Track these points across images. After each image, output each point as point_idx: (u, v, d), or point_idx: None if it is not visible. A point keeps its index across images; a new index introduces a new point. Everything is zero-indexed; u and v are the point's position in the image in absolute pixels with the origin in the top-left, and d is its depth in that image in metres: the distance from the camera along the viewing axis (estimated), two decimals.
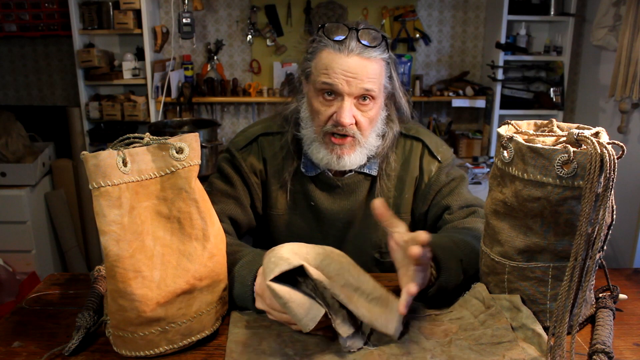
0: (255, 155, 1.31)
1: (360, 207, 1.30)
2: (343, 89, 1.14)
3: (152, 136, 0.88)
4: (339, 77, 1.14)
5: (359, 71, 1.14)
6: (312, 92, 1.21)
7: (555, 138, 0.91)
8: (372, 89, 1.15)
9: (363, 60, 1.14)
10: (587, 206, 0.79)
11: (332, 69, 1.14)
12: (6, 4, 3.23)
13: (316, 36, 1.20)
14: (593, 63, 3.17)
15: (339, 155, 1.20)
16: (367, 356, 0.84)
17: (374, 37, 1.16)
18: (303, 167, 1.29)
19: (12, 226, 2.93)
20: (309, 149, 1.24)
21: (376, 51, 1.16)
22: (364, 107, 1.17)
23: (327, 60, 1.15)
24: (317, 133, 1.21)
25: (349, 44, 1.14)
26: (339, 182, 1.28)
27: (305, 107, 1.25)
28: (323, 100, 1.18)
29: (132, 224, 0.82)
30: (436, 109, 3.55)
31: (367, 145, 1.22)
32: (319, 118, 1.19)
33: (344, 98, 1.15)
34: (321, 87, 1.17)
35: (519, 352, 0.83)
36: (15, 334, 0.93)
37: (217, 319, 0.93)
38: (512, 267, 0.92)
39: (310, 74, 1.21)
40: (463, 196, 1.26)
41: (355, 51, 1.14)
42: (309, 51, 1.22)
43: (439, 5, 3.41)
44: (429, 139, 1.32)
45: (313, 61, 1.20)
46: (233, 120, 3.54)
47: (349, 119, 1.15)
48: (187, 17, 3.15)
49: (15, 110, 3.21)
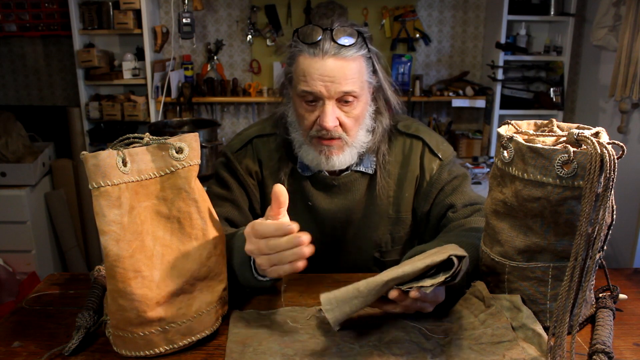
0: (251, 157, 1.31)
1: (359, 206, 1.30)
2: (322, 94, 1.14)
3: (151, 136, 0.88)
4: (316, 83, 1.13)
5: (336, 74, 1.12)
6: (295, 97, 1.21)
7: (555, 138, 0.91)
8: (352, 90, 1.14)
9: (339, 60, 1.12)
10: (587, 206, 0.79)
11: (310, 75, 1.13)
12: (6, 4, 3.23)
13: (292, 41, 1.19)
14: (593, 63, 3.17)
15: (327, 155, 1.19)
16: (367, 356, 0.84)
17: (349, 34, 1.14)
18: (299, 167, 1.29)
19: (12, 226, 2.93)
20: (299, 151, 1.24)
21: (352, 49, 1.14)
22: (347, 107, 1.17)
23: (303, 66, 1.15)
24: (304, 137, 1.22)
25: (324, 46, 1.12)
26: (335, 182, 1.28)
27: (292, 111, 1.25)
28: (306, 105, 1.18)
29: (131, 224, 0.82)
30: (436, 109, 3.55)
31: (356, 144, 1.22)
32: (304, 123, 1.19)
33: (325, 102, 1.15)
34: (302, 94, 1.16)
35: (519, 351, 0.83)
36: (15, 334, 0.93)
37: (217, 319, 0.93)
38: (512, 267, 0.92)
39: (292, 79, 1.21)
40: (466, 194, 1.26)
41: (330, 52, 1.12)
42: (289, 57, 1.22)
43: (439, 5, 3.41)
44: (429, 137, 1.31)
45: (292, 66, 1.20)
46: (233, 120, 3.54)
47: (332, 122, 1.15)
48: (187, 17, 3.15)
49: (15, 110, 3.21)
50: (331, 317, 0.85)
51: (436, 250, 0.93)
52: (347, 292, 0.85)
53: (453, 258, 0.84)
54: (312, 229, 1.31)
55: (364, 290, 0.84)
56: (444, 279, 0.83)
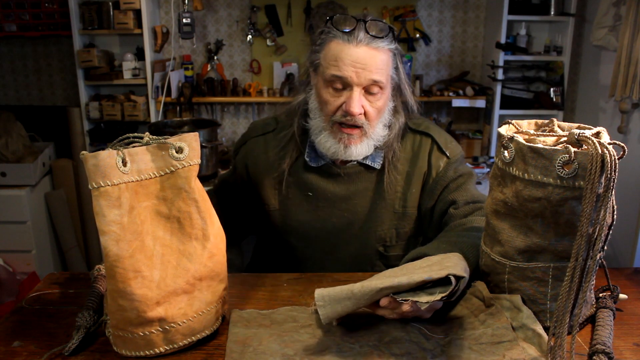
0: (241, 158, 1.40)
1: (363, 199, 1.31)
2: (352, 80, 1.17)
3: (151, 136, 0.88)
4: (348, 69, 1.16)
5: (368, 61, 1.16)
6: (320, 83, 1.23)
7: (556, 138, 0.90)
8: (380, 80, 1.18)
9: (371, 50, 1.17)
10: (588, 207, 0.79)
11: (342, 60, 1.16)
12: (6, 4, 3.22)
13: (324, 28, 1.22)
14: (593, 63, 3.17)
15: (346, 144, 1.22)
16: (367, 356, 0.84)
17: (381, 29, 1.19)
18: (308, 156, 1.31)
19: (12, 226, 2.92)
20: (317, 138, 1.26)
21: (384, 41, 1.18)
22: (372, 97, 1.20)
23: (336, 51, 1.18)
24: (325, 122, 1.23)
25: (358, 35, 1.16)
26: (340, 171, 1.30)
27: (314, 98, 1.27)
28: (332, 91, 1.20)
29: (131, 224, 0.82)
30: (436, 109, 3.55)
31: (374, 136, 1.24)
32: (328, 108, 1.22)
33: (353, 88, 1.17)
34: (330, 79, 1.19)
35: (519, 351, 0.83)
36: (15, 333, 0.93)
37: (217, 319, 0.93)
38: (512, 267, 0.92)
39: (319, 66, 1.23)
40: (470, 192, 1.27)
41: (363, 41, 1.16)
42: (317, 43, 1.24)
43: (439, 5, 3.41)
44: (438, 135, 1.33)
45: (322, 52, 1.22)
46: (233, 120, 3.53)
47: (358, 109, 1.18)
48: (187, 17, 3.14)
49: (15, 110, 3.21)
50: (322, 313, 0.87)
51: (438, 260, 0.93)
52: (340, 292, 0.87)
53: (451, 278, 0.85)
54: (312, 219, 1.32)
55: (357, 293, 0.86)
56: (440, 298, 0.84)
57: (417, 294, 0.86)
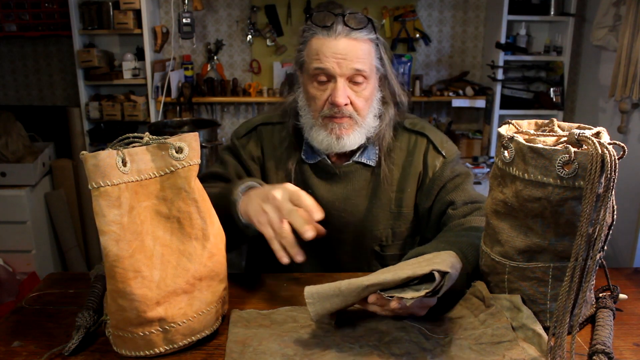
0: (254, 142, 1.37)
1: (360, 198, 1.31)
2: (335, 70, 1.19)
3: (151, 136, 0.88)
4: (329, 60, 1.19)
5: (348, 51, 1.18)
6: (306, 79, 1.25)
7: (556, 138, 0.90)
8: (362, 69, 1.19)
9: (351, 41, 1.19)
10: (588, 207, 0.79)
11: (323, 53, 1.19)
12: (6, 4, 3.23)
13: (305, 26, 1.25)
14: (593, 63, 3.17)
15: (338, 135, 1.23)
16: (367, 356, 0.84)
17: (359, 20, 1.21)
18: (304, 154, 1.32)
19: (12, 226, 2.92)
20: (309, 134, 1.27)
21: (362, 32, 1.20)
22: (357, 87, 1.21)
23: (317, 46, 1.20)
24: (315, 118, 1.25)
25: (336, 28, 1.19)
26: (337, 170, 1.30)
27: (302, 96, 1.29)
28: (317, 85, 1.22)
29: (131, 224, 0.82)
30: (436, 109, 3.55)
31: (365, 126, 1.25)
32: (316, 103, 1.23)
33: (337, 79, 1.19)
34: (314, 72, 1.21)
35: (519, 351, 0.83)
36: (15, 333, 0.93)
37: (217, 319, 0.93)
38: (512, 267, 0.92)
39: (303, 63, 1.26)
40: (467, 192, 1.27)
41: (342, 34, 1.19)
42: (301, 42, 1.27)
43: (439, 5, 3.41)
44: (434, 135, 1.33)
45: (305, 50, 1.25)
46: (233, 120, 3.54)
47: (344, 98, 1.19)
48: (187, 17, 3.15)
49: (15, 110, 3.21)
50: (312, 310, 0.88)
51: (429, 258, 0.94)
52: (329, 289, 0.88)
53: (435, 273, 0.85)
54: None
55: (344, 290, 0.87)
56: (425, 294, 0.84)
57: (403, 291, 0.87)
